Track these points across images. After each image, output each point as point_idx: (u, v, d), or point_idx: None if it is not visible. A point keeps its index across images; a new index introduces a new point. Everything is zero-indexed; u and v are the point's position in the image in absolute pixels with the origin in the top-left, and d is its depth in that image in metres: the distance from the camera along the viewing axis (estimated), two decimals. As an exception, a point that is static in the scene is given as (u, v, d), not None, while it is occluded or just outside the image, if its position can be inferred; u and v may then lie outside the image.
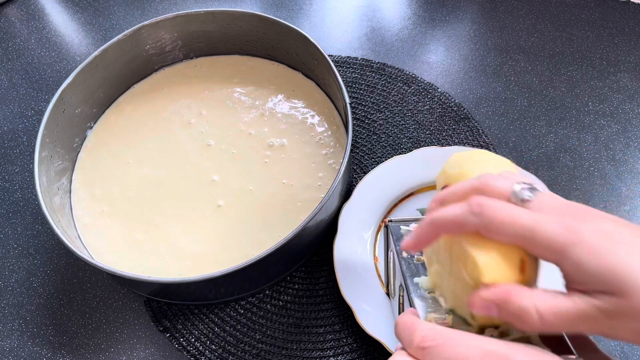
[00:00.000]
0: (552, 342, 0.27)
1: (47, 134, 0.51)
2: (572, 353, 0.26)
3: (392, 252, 0.38)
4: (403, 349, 0.26)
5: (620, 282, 0.22)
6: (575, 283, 0.24)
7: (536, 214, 0.25)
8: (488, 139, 0.60)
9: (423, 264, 0.34)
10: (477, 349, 0.24)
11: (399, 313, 0.39)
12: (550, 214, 0.25)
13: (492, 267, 0.25)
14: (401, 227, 0.37)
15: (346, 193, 0.54)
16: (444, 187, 0.47)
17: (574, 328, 0.23)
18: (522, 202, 0.26)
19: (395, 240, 0.36)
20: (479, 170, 0.44)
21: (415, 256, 0.35)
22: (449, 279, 0.29)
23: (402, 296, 0.35)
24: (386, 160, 0.55)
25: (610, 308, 0.22)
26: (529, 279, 0.26)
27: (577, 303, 0.23)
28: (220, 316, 0.50)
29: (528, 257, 0.25)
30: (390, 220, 0.38)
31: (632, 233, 0.23)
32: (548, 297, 0.24)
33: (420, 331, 0.26)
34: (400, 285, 0.35)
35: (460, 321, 0.29)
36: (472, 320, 0.28)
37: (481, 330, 0.27)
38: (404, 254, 0.35)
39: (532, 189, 0.26)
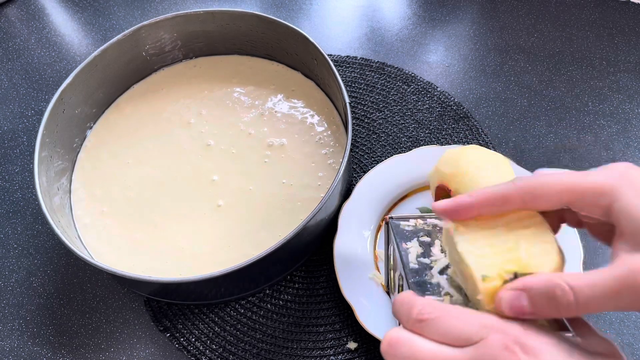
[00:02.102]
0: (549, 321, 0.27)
1: (47, 134, 0.51)
2: (568, 330, 0.26)
3: (392, 247, 0.38)
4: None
5: None
6: (623, 235, 0.23)
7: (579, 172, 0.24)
8: (488, 138, 0.60)
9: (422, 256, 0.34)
10: (474, 322, 0.24)
11: None
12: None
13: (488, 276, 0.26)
14: (402, 223, 0.38)
15: (346, 192, 0.54)
16: (438, 186, 0.47)
17: (614, 302, 0.22)
18: None
19: (396, 235, 0.36)
20: (473, 168, 0.44)
21: (415, 250, 0.35)
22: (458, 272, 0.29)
23: (402, 285, 0.35)
24: (386, 159, 0.55)
25: None
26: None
27: (612, 270, 0.22)
28: (220, 316, 0.50)
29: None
30: (391, 217, 0.38)
31: None
32: (578, 273, 0.23)
33: (418, 306, 0.26)
34: (400, 275, 0.35)
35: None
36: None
37: None
38: (404, 245, 0.35)
39: None
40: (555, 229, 0.29)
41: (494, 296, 0.25)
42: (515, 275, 0.25)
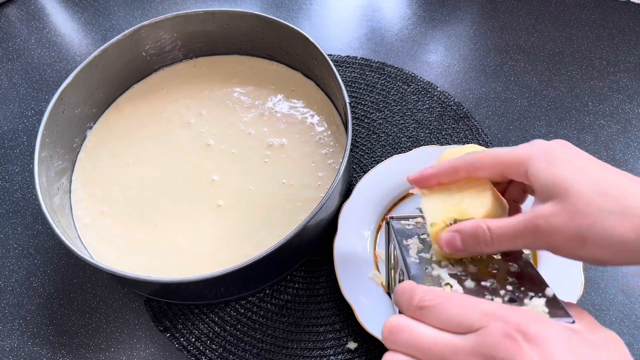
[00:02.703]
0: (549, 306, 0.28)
1: (47, 134, 0.51)
2: (569, 317, 0.26)
3: (393, 246, 0.38)
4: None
5: (562, 186, 0.27)
6: (535, 192, 0.29)
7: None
8: (488, 138, 0.60)
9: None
10: (475, 309, 0.24)
11: None
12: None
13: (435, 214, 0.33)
14: (402, 222, 0.38)
15: (346, 192, 0.54)
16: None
17: (520, 240, 0.28)
18: None
19: (397, 234, 0.36)
20: None
21: (415, 246, 0.35)
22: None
23: (402, 280, 0.35)
24: (386, 159, 0.55)
25: (553, 210, 0.27)
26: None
27: (521, 216, 0.28)
28: (220, 316, 0.50)
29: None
30: (392, 217, 0.38)
31: (571, 154, 0.29)
32: (492, 219, 0.30)
33: (419, 293, 0.26)
34: (400, 271, 0.35)
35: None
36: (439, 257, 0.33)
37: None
38: (404, 243, 0.35)
39: None
40: (519, 199, 0.36)
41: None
42: (455, 222, 0.32)
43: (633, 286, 0.50)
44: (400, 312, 0.27)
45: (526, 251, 0.49)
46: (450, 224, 0.32)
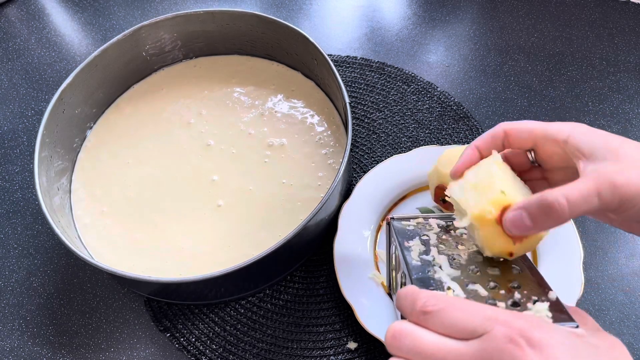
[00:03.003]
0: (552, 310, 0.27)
1: (47, 134, 0.51)
2: (572, 321, 0.26)
3: (394, 247, 0.38)
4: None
5: (614, 148, 0.29)
6: (583, 155, 0.30)
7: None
8: (488, 138, 0.60)
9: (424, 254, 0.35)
10: (478, 314, 0.24)
11: None
12: None
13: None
14: (403, 223, 0.38)
15: (346, 192, 0.54)
16: (438, 186, 0.47)
17: (596, 198, 0.27)
18: None
19: (398, 235, 0.36)
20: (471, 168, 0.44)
21: (416, 247, 0.35)
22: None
23: (404, 283, 0.35)
24: (386, 159, 0.55)
25: (615, 167, 0.28)
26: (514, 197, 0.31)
27: (588, 175, 0.28)
28: (220, 316, 0.50)
29: (506, 185, 0.31)
30: (393, 217, 0.38)
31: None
32: (566, 186, 0.28)
33: (422, 298, 0.26)
34: (402, 273, 0.35)
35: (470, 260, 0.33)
36: (486, 251, 0.32)
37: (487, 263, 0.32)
38: (406, 244, 0.35)
39: None
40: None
41: (485, 219, 0.30)
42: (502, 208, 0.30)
43: (633, 286, 0.50)
44: (402, 317, 0.27)
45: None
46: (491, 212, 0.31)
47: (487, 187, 0.31)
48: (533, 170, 0.36)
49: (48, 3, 0.80)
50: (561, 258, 0.47)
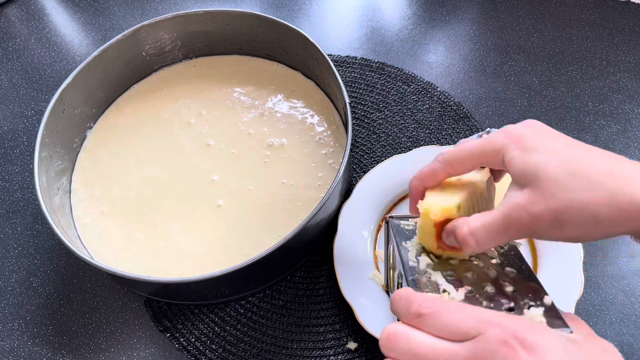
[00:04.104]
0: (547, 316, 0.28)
1: (47, 134, 0.51)
2: (567, 327, 0.26)
3: (392, 246, 0.38)
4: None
5: (535, 172, 0.28)
6: (511, 180, 0.30)
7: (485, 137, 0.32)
8: (488, 138, 0.60)
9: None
10: (472, 316, 0.24)
11: None
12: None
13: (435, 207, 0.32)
14: (401, 222, 0.38)
15: (346, 192, 0.54)
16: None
17: (504, 235, 0.29)
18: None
19: (396, 234, 0.36)
20: None
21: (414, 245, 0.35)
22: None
23: (400, 284, 0.35)
24: (386, 159, 0.55)
25: (529, 198, 0.28)
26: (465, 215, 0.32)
27: (501, 210, 0.29)
28: (220, 316, 0.50)
29: (464, 202, 0.32)
30: (391, 217, 0.38)
31: (542, 136, 0.30)
32: (478, 216, 0.30)
33: (417, 300, 0.26)
34: (399, 273, 0.35)
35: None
36: (438, 253, 0.34)
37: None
38: (404, 243, 0.35)
39: (489, 131, 0.34)
40: (497, 178, 0.38)
41: (427, 216, 0.32)
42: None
43: (633, 286, 0.50)
44: (398, 320, 0.27)
45: (525, 251, 0.49)
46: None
47: (449, 195, 0.33)
48: None
49: (48, 3, 0.80)
50: (561, 258, 0.47)
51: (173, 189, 0.55)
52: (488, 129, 0.35)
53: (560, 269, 0.46)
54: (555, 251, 0.48)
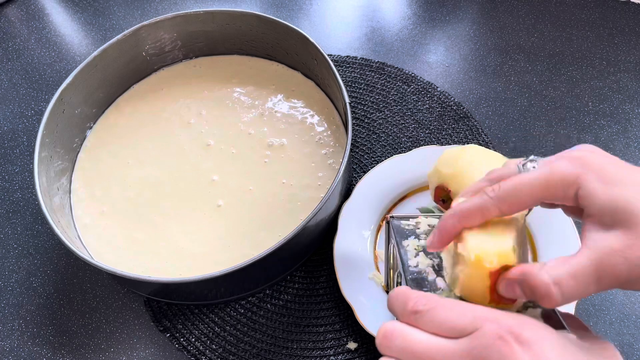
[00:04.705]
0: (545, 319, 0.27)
1: (47, 134, 0.51)
2: (564, 328, 0.26)
3: (392, 246, 0.38)
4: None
5: (628, 210, 0.23)
6: (590, 216, 0.25)
7: (546, 166, 0.27)
8: (488, 138, 0.60)
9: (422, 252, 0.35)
10: (468, 313, 0.24)
11: None
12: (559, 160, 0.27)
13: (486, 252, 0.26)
14: (402, 222, 0.38)
15: (346, 192, 0.54)
16: (438, 187, 0.47)
17: (596, 286, 0.24)
18: (528, 168, 0.28)
19: (396, 234, 0.36)
20: (471, 169, 0.44)
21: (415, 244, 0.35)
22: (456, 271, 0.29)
23: (400, 283, 0.35)
24: (386, 159, 0.55)
25: (625, 242, 0.23)
26: (520, 260, 0.27)
27: (587, 254, 0.24)
28: (220, 316, 0.50)
29: (517, 245, 0.27)
30: (392, 217, 0.38)
31: (623, 167, 0.26)
32: (559, 262, 0.25)
33: (413, 299, 0.26)
34: (399, 272, 0.35)
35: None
36: (457, 289, 0.28)
37: None
38: (404, 243, 0.35)
39: (533, 159, 0.28)
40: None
41: (480, 266, 0.26)
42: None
43: (633, 286, 0.50)
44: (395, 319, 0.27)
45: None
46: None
47: (500, 236, 0.27)
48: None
49: (48, 3, 0.80)
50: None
51: (173, 189, 0.55)
52: (532, 156, 0.28)
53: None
54: (555, 251, 0.48)
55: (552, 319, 0.27)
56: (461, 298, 0.29)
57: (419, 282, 0.31)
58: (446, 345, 0.24)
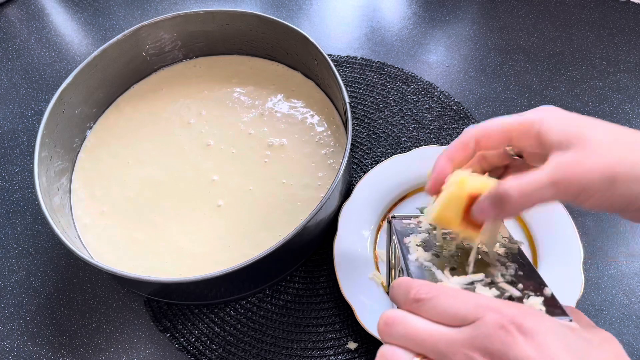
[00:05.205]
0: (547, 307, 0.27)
1: (47, 134, 0.51)
2: (566, 316, 0.26)
3: (393, 245, 0.38)
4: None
5: (581, 134, 0.28)
6: (552, 147, 0.29)
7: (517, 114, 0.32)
8: (488, 138, 0.60)
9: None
10: (470, 301, 0.24)
11: None
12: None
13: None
14: (403, 222, 0.38)
15: (346, 192, 0.54)
16: None
17: (552, 188, 0.27)
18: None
19: (398, 233, 0.36)
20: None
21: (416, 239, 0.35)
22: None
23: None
24: (386, 159, 0.55)
25: (578, 156, 0.27)
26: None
27: (544, 169, 0.28)
28: (220, 316, 0.50)
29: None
30: (394, 216, 0.38)
31: (583, 116, 0.30)
32: (522, 176, 0.28)
33: (415, 287, 0.26)
34: (400, 269, 0.35)
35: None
36: (455, 233, 0.33)
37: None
38: (405, 241, 0.35)
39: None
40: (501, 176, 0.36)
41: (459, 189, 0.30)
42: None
43: (633, 286, 0.50)
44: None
45: (526, 252, 0.49)
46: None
47: (484, 178, 0.31)
48: (515, 161, 0.35)
49: (48, 3, 0.80)
50: (561, 258, 0.47)
51: (173, 189, 0.55)
52: None
53: (560, 269, 0.46)
54: (555, 251, 0.48)
55: (554, 307, 0.27)
56: (434, 229, 0.34)
57: (422, 272, 0.32)
58: (448, 333, 0.24)
